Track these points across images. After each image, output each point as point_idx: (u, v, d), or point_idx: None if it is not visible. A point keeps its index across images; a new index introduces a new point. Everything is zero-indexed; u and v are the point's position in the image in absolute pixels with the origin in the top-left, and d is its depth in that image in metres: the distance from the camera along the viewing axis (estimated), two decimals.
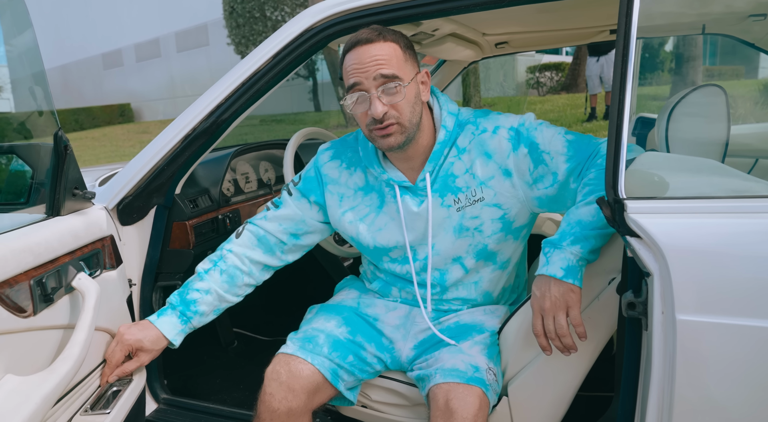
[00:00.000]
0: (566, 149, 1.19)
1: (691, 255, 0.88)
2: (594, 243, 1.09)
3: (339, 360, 1.28)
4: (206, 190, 1.66)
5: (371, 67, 1.16)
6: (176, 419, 1.49)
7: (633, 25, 1.02)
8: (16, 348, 0.92)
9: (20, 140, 1.32)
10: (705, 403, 0.89)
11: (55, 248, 1.04)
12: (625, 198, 0.95)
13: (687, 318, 0.88)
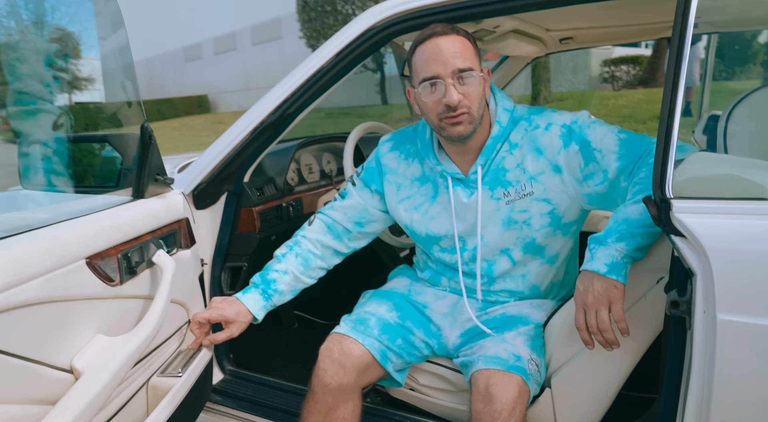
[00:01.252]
0: (618, 147, 1.21)
1: (734, 256, 0.89)
2: (640, 241, 1.10)
3: (388, 342, 1.35)
4: (272, 179, 1.78)
5: (449, 58, 1.20)
6: (240, 389, 1.62)
7: (690, 22, 1.03)
8: (105, 313, 1.05)
9: (111, 129, 1.48)
10: (742, 404, 0.90)
11: (138, 227, 1.17)
12: (671, 197, 0.96)
13: (728, 318, 0.89)
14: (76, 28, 1.41)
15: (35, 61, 1.29)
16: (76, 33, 1.43)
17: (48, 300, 0.87)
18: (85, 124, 1.50)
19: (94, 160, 1.32)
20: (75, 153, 1.28)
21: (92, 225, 1.03)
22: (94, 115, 1.51)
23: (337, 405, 1.30)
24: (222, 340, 1.38)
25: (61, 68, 1.34)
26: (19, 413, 0.82)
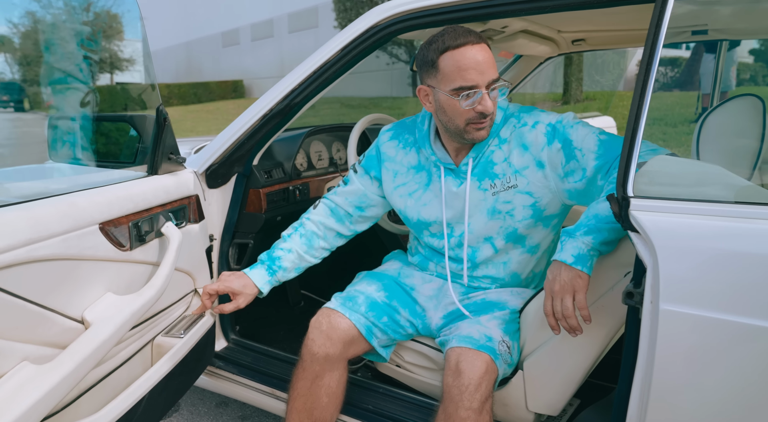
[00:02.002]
0: (597, 147, 1.28)
1: (679, 252, 0.96)
2: (606, 236, 1.17)
3: (374, 319, 1.45)
4: (280, 164, 1.89)
5: (486, 68, 1.26)
6: (241, 357, 1.74)
7: (662, 31, 1.09)
8: (116, 274, 1.18)
9: (137, 110, 1.61)
10: (679, 389, 0.97)
11: (149, 200, 1.30)
12: (631, 196, 1.03)
13: (670, 307, 0.96)
14: (120, 10, 1.53)
15: (72, 40, 1.41)
16: (120, 14, 1.55)
17: (63, 257, 1.00)
18: (111, 103, 1.64)
19: (115, 138, 1.45)
20: (98, 130, 1.42)
21: (107, 195, 1.16)
22: (120, 95, 1.64)
23: (324, 373, 1.42)
24: (230, 310, 1.50)
25: (93, 50, 1.46)
26: (35, 352, 0.96)
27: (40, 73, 1.45)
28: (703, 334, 0.93)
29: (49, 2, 1.30)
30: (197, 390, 2.19)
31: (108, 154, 1.47)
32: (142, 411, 1.20)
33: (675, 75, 12.43)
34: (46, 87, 1.53)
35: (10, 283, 0.89)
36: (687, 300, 0.95)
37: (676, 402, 0.98)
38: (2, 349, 0.88)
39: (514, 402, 1.41)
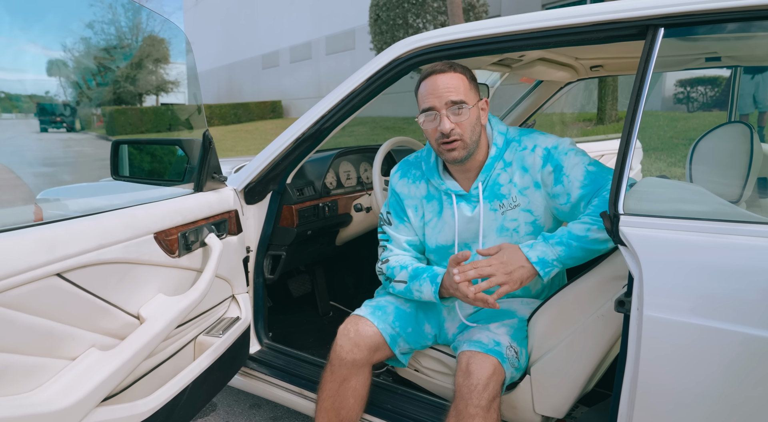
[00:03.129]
0: (583, 177, 1.40)
1: (661, 263, 1.07)
2: (572, 252, 1.32)
3: (399, 329, 1.58)
4: (311, 182, 2.06)
5: (443, 92, 1.45)
6: (273, 359, 1.89)
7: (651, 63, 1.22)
8: (165, 278, 1.36)
9: (183, 131, 1.80)
10: (662, 387, 1.07)
11: (195, 213, 1.48)
12: (622, 213, 1.15)
13: (653, 314, 1.07)
14: (168, 35, 1.73)
15: (121, 64, 1.61)
16: (168, 40, 1.75)
17: (124, 261, 1.18)
18: (158, 124, 1.83)
19: (167, 159, 1.65)
20: (152, 151, 1.61)
21: (160, 209, 1.34)
22: (167, 117, 1.84)
23: (350, 377, 1.54)
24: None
25: (138, 73, 1.65)
26: (100, 341, 1.13)
27: (91, 96, 1.62)
28: (683, 338, 1.04)
29: (101, 29, 1.47)
30: (232, 392, 2.36)
31: (160, 173, 1.67)
32: (186, 399, 1.37)
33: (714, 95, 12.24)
34: (96, 109, 1.70)
35: (84, 280, 1.06)
36: (668, 307, 1.06)
37: (659, 401, 1.08)
38: (75, 335, 1.05)
39: (522, 404, 1.52)
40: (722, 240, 1.02)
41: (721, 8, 1.14)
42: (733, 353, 0.99)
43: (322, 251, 2.36)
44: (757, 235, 1.01)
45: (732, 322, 0.99)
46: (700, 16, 1.17)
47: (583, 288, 1.41)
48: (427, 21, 14.33)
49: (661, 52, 2.12)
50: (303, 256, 2.22)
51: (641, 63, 1.23)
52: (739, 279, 1.00)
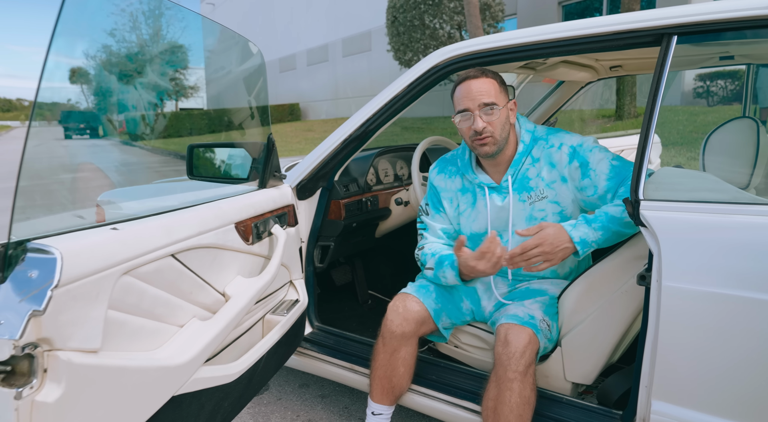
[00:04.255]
0: (609, 171, 1.58)
1: (676, 240, 1.25)
2: (609, 235, 1.51)
3: (441, 304, 1.78)
4: (355, 179, 2.27)
5: (477, 96, 1.64)
6: (324, 339, 2.10)
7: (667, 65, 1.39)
8: (242, 262, 1.57)
9: (238, 134, 1.99)
10: (679, 347, 1.25)
11: (263, 207, 1.69)
12: (642, 199, 1.33)
13: (671, 284, 1.25)
14: (187, 41, 1.83)
15: (145, 71, 1.73)
16: (186, 46, 1.84)
17: (215, 246, 1.39)
18: (228, 128, 2.04)
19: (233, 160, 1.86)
20: (223, 154, 1.83)
21: (238, 202, 1.55)
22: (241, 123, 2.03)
23: (400, 348, 1.74)
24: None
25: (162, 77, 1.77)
26: (199, 313, 1.34)
27: (112, 102, 1.72)
28: (697, 304, 1.21)
29: (123, 37, 1.49)
30: (282, 372, 2.57)
31: (229, 172, 1.88)
32: (262, 367, 1.57)
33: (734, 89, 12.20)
34: (118, 115, 1.82)
35: (189, 261, 1.28)
36: (683, 277, 1.23)
37: (676, 360, 1.26)
38: (183, 306, 1.27)
39: (554, 373, 1.70)
40: (730, 219, 1.20)
41: (725, 18, 1.31)
42: (743, 316, 1.17)
43: (364, 242, 2.56)
44: (760, 214, 1.18)
45: (740, 289, 1.17)
46: (708, 25, 1.35)
47: (608, 267, 1.59)
48: (443, 21, 14.47)
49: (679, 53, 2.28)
50: (347, 247, 2.43)
51: (657, 67, 1.40)
52: (744, 251, 1.17)
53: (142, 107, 1.81)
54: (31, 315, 0.86)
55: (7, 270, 0.89)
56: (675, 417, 1.26)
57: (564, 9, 14.55)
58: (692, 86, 13.32)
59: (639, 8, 10.12)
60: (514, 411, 1.50)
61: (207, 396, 1.29)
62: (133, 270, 1.08)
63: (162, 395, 1.13)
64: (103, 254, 1.00)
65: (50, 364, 0.90)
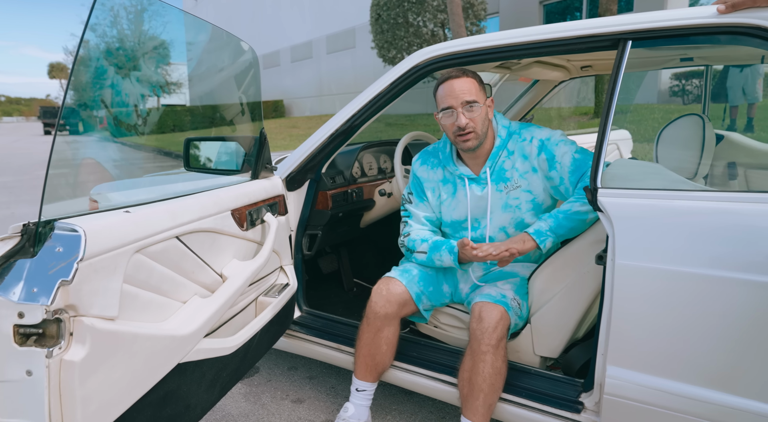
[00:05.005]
0: (571, 164, 1.75)
1: (628, 222, 1.41)
2: (559, 222, 1.71)
3: (423, 287, 1.92)
4: (341, 172, 2.40)
5: (459, 94, 1.78)
6: (312, 322, 2.23)
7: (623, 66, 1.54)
8: (237, 246, 1.70)
9: (230, 129, 2.12)
10: (630, 320, 1.41)
11: (256, 196, 1.82)
12: (599, 187, 1.49)
13: (623, 262, 1.41)
14: (168, 37, 1.91)
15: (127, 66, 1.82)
16: (168, 41, 1.92)
17: (213, 230, 1.52)
18: (222, 123, 2.16)
19: (227, 153, 1.98)
20: (217, 147, 1.95)
21: (234, 191, 1.68)
22: (222, 114, 2.14)
23: (383, 328, 1.88)
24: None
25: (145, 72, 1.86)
26: (199, 291, 1.47)
27: (93, 97, 1.78)
28: (645, 278, 1.37)
29: (104, 32, 1.50)
30: (272, 356, 2.70)
31: (223, 164, 2.00)
32: (256, 343, 1.71)
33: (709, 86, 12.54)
34: (98, 110, 1.90)
35: (191, 243, 1.40)
36: (633, 255, 1.39)
37: (626, 328, 1.42)
38: (186, 284, 1.39)
39: (524, 348, 1.86)
40: (672, 203, 1.36)
41: (673, 26, 1.47)
42: (684, 288, 1.33)
43: (350, 232, 2.70)
44: (699, 199, 1.34)
45: (682, 264, 1.33)
46: (658, 31, 1.51)
47: (573, 250, 1.75)
48: (427, 19, 14.63)
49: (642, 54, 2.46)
50: (334, 236, 2.56)
51: (614, 68, 1.56)
52: (685, 231, 1.33)
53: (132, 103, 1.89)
54: (60, 284, 0.99)
55: (37, 246, 1.02)
56: (626, 379, 1.43)
57: (545, 8, 14.79)
58: (668, 85, 13.66)
59: (616, 8, 10.37)
60: (486, 381, 1.65)
61: (208, 365, 1.43)
62: (143, 249, 1.21)
63: (169, 361, 1.26)
64: (119, 233, 1.13)
65: (75, 328, 1.03)
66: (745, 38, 1.39)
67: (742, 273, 1.25)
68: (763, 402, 1.27)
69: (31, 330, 0.99)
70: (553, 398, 1.65)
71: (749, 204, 1.28)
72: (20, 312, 0.97)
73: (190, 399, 1.38)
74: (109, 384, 1.09)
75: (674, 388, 1.37)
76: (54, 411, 1.00)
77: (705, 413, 1.33)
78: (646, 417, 1.42)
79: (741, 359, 1.28)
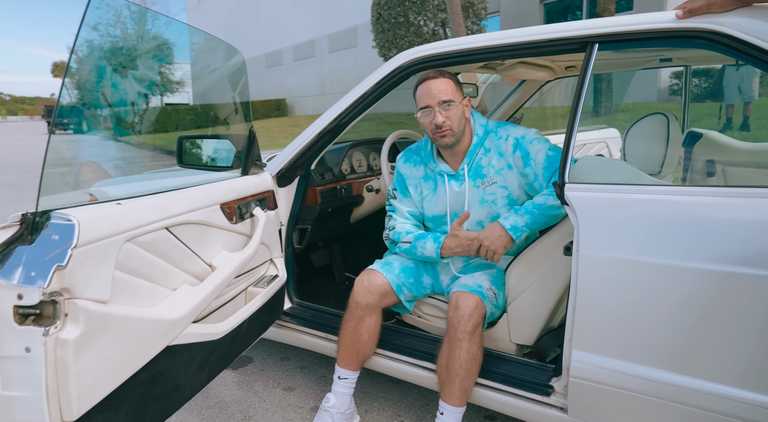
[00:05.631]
0: (544, 161, 1.83)
1: (592, 215, 1.49)
2: (535, 218, 1.78)
3: (403, 279, 2.02)
4: (330, 169, 2.50)
5: (436, 94, 1.88)
6: (302, 313, 2.32)
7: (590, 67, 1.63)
8: (226, 239, 1.79)
9: (223, 127, 2.21)
10: (594, 305, 1.50)
11: (246, 191, 1.91)
12: (566, 182, 1.58)
13: (587, 252, 1.50)
14: (171, 36, 1.99)
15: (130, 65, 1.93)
16: (171, 41, 2.00)
17: (202, 223, 1.62)
18: (214, 122, 2.26)
19: (218, 150, 2.08)
20: (209, 145, 2.05)
21: (223, 186, 1.77)
22: (211, 114, 2.24)
23: (365, 317, 1.97)
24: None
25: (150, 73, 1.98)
26: (189, 279, 1.56)
27: (96, 97, 1.83)
28: (605, 267, 1.46)
29: (107, 31, 1.56)
30: (265, 347, 2.80)
31: (215, 161, 2.10)
32: (244, 330, 1.80)
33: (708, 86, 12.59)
34: (102, 110, 1.87)
35: (180, 234, 1.50)
36: (595, 246, 1.48)
37: (589, 314, 1.51)
38: (176, 272, 1.49)
39: (501, 337, 1.95)
40: (631, 197, 1.45)
41: (636, 30, 1.56)
42: (642, 276, 1.41)
43: (339, 227, 2.79)
44: (656, 193, 1.43)
45: (639, 254, 1.42)
46: (622, 35, 1.59)
47: (546, 243, 1.84)
48: (427, 18, 14.69)
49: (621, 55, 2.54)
50: (324, 231, 2.66)
51: (582, 69, 1.64)
52: (643, 223, 1.42)
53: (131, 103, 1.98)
54: (55, 269, 1.08)
55: (34, 234, 1.11)
56: (589, 362, 1.52)
57: (546, 7, 14.84)
58: (668, 84, 13.71)
59: (614, 8, 10.43)
60: (462, 366, 1.74)
61: (197, 349, 1.52)
62: (134, 238, 1.30)
63: (158, 343, 1.35)
64: (110, 223, 1.23)
65: (70, 309, 1.12)
66: (700, 42, 1.47)
67: (694, 262, 1.34)
68: (711, 382, 1.35)
69: (30, 310, 1.08)
70: (525, 382, 1.74)
71: (701, 197, 1.36)
72: (19, 294, 1.07)
73: (179, 379, 1.48)
74: (101, 361, 1.19)
75: (632, 370, 1.45)
76: (51, 385, 1.10)
77: (661, 393, 1.42)
78: (607, 397, 1.51)
79: (692, 342, 1.37)
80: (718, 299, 1.32)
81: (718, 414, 1.36)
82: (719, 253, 1.31)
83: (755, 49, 1.38)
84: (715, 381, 1.36)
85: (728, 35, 1.41)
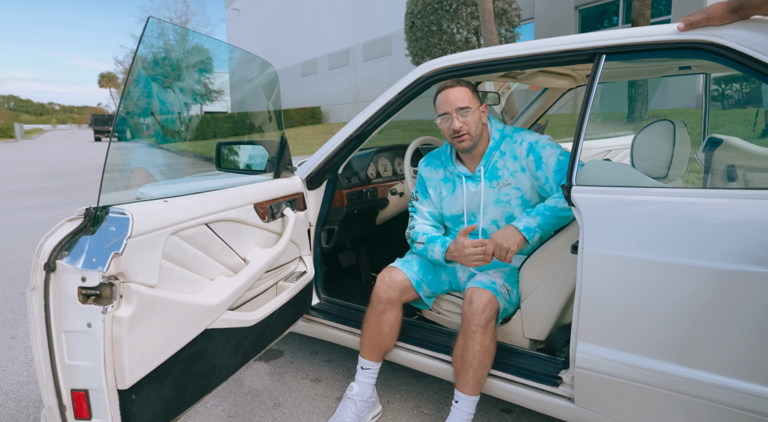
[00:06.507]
0: (555, 165, 1.94)
1: (596, 215, 1.60)
2: (547, 220, 1.87)
3: (422, 276, 2.15)
4: (357, 173, 2.65)
5: (454, 101, 2.01)
6: (330, 308, 2.47)
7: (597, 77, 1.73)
8: (259, 236, 1.96)
9: (257, 134, 2.40)
10: (597, 301, 1.60)
11: (277, 193, 2.08)
12: (573, 184, 1.68)
13: (591, 250, 1.60)
14: (211, 47, 2.19)
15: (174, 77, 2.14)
16: (211, 52, 2.20)
17: (237, 220, 1.79)
18: (249, 129, 2.45)
19: (253, 155, 2.26)
20: (245, 151, 2.23)
21: (257, 188, 1.95)
22: (247, 123, 2.43)
23: (386, 311, 2.11)
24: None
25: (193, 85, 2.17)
26: (225, 271, 1.73)
27: (141, 106, 1.93)
28: (607, 264, 1.56)
29: (151, 43, 1.67)
30: (295, 341, 2.96)
31: (250, 165, 2.28)
32: (274, 320, 1.96)
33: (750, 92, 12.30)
34: (145, 118, 2.03)
35: (218, 230, 1.67)
36: (598, 244, 1.58)
37: (593, 308, 1.61)
38: (214, 264, 1.66)
39: (515, 332, 2.06)
40: (634, 198, 1.55)
41: (641, 42, 1.66)
42: (642, 272, 1.51)
43: (366, 228, 2.94)
44: (656, 195, 1.53)
45: (640, 252, 1.51)
46: (627, 46, 1.69)
47: (556, 244, 1.94)
48: (460, 26, 14.79)
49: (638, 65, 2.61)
50: (351, 232, 2.81)
51: (590, 78, 1.75)
52: (643, 222, 1.52)
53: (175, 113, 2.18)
54: (113, 256, 1.26)
55: (96, 226, 1.29)
56: (594, 354, 1.61)
57: (581, 13, 14.76)
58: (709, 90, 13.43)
59: (650, 13, 10.33)
60: (476, 357, 1.86)
61: (231, 333, 1.69)
62: (178, 232, 1.48)
63: (198, 325, 1.52)
64: (158, 218, 1.40)
65: (124, 291, 1.30)
66: (701, 53, 1.56)
67: (693, 259, 1.43)
68: (708, 372, 1.44)
69: (91, 291, 1.26)
70: (536, 374, 1.85)
71: (696, 198, 1.46)
72: (83, 277, 1.25)
73: (216, 360, 1.65)
74: (150, 338, 1.36)
75: (634, 361, 1.55)
76: (107, 356, 1.28)
77: (661, 383, 1.51)
78: (611, 387, 1.60)
79: (690, 335, 1.46)
80: (714, 294, 1.41)
81: (714, 402, 1.44)
82: (714, 251, 1.40)
83: (752, 61, 1.47)
84: (711, 371, 1.44)
85: (726, 47, 1.50)
